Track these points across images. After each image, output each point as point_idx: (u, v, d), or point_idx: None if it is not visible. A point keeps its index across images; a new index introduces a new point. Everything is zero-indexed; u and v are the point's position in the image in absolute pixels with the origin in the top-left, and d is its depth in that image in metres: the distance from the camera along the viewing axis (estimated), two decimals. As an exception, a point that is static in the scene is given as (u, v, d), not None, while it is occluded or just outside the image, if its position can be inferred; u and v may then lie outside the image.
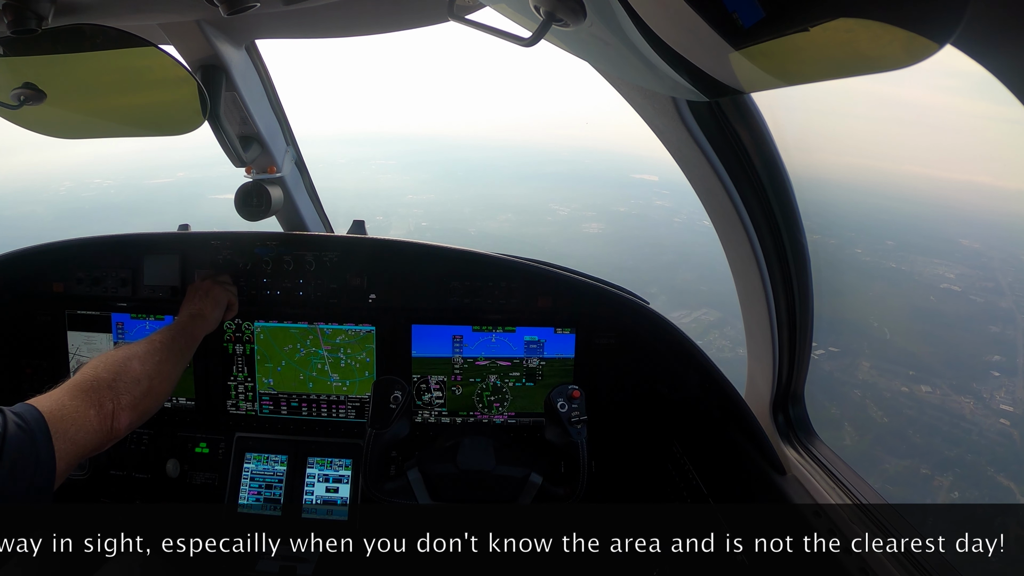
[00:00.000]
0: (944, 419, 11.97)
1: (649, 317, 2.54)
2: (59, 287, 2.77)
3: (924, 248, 20.46)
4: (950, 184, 26.69)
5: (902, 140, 25.96)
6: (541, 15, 0.93)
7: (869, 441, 11.71)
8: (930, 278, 18.56)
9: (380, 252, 2.68)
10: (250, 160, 2.43)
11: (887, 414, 12.75)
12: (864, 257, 19.53)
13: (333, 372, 2.74)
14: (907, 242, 20.92)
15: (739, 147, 1.79)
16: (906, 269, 19.53)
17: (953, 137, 23.85)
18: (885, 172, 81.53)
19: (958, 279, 17.31)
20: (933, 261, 19.13)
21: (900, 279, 19.20)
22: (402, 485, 2.10)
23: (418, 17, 1.89)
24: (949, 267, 18.16)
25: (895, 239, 20.84)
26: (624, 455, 2.74)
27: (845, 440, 10.87)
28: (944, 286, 17.61)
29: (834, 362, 14.24)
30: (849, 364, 14.34)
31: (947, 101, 27.36)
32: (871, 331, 16.46)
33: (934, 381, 14.63)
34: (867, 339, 15.99)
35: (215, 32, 1.97)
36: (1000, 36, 0.77)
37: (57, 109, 1.88)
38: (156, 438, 2.80)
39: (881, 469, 10.51)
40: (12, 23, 1.34)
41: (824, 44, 0.74)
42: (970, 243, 18.51)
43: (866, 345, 15.72)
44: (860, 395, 13.56)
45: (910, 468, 10.79)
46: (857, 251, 20.07)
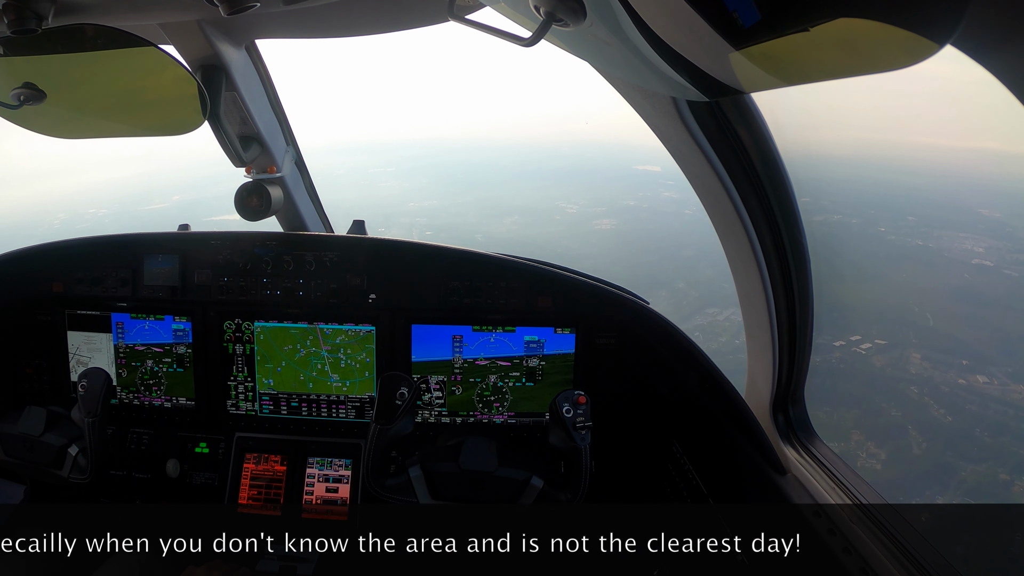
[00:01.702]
0: (1009, 413, 11.19)
1: (649, 317, 2.54)
2: (59, 287, 2.77)
3: (946, 222, 19.69)
4: (959, 152, 26.11)
5: (904, 110, 25.51)
6: (541, 15, 0.93)
7: (940, 446, 10.90)
8: (959, 254, 17.78)
9: (380, 252, 2.68)
10: (250, 160, 2.43)
11: (950, 412, 11.91)
12: (889, 236, 18.92)
13: (333, 372, 2.74)
14: (928, 217, 20.23)
15: (739, 147, 1.79)
16: (933, 246, 18.78)
17: (955, 104, 23.34)
18: (892, 144, 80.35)
19: (988, 253, 16.58)
20: (959, 235, 18.40)
21: (929, 257, 18.28)
22: (403, 482, 2.10)
23: (418, 17, 1.89)
24: (976, 240, 17.21)
25: (915, 214, 20.16)
26: (624, 455, 2.74)
27: (913, 449, 10.12)
28: (976, 261, 16.85)
29: (884, 356, 13.28)
30: (899, 358, 13.64)
31: (945, 68, 27.60)
32: (913, 317, 15.64)
33: (989, 370, 13.78)
34: (911, 327, 15.19)
35: (215, 32, 1.97)
36: (1000, 36, 0.77)
37: (57, 109, 1.88)
38: (156, 438, 2.80)
39: (960, 479, 9.72)
40: (12, 23, 1.34)
41: (824, 44, 0.74)
42: (990, 212, 17.80)
43: (912, 334, 14.94)
44: (918, 392, 12.83)
45: (987, 474, 10.04)
46: (880, 229, 19.46)
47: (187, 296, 2.74)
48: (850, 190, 23.65)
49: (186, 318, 2.75)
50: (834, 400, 13.10)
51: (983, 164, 42.45)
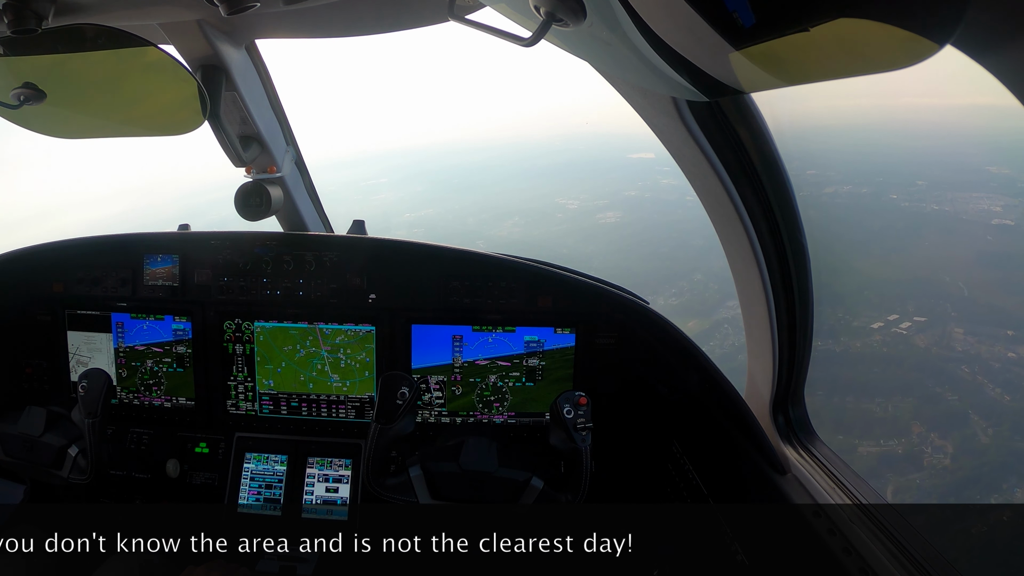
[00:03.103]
0: (1071, 386, 10.16)
1: (649, 317, 2.54)
2: (59, 287, 2.78)
3: (956, 183, 18.64)
4: (953, 110, 24.96)
5: (897, 72, 25.45)
6: (541, 15, 0.93)
7: (1008, 431, 9.75)
8: (977, 215, 16.93)
9: (380, 252, 2.68)
10: (250, 160, 2.43)
11: (1007, 391, 10.90)
12: (903, 203, 18.16)
13: (333, 372, 2.74)
14: (937, 179, 19.41)
15: (739, 147, 1.79)
16: (949, 210, 17.86)
17: (939, 60, 23.21)
18: (885, 108, 79.15)
19: (1006, 211, 15.80)
20: (972, 196, 17.58)
21: (948, 222, 17.45)
22: (403, 481, 2.10)
23: (418, 17, 1.89)
24: (991, 199, 16.38)
25: (924, 177, 19.36)
26: (624, 455, 2.74)
27: (980, 437, 9.16)
28: (996, 222, 16.09)
29: (926, 335, 12.34)
30: (942, 335, 12.75)
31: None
32: (947, 289, 14.77)
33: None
34: (947, 300, 14.31)
35: (215, 32, 1.97)
36: (1000, 36, 0.77)
37: (57, 109, 1.88)
38: (156, 438, 2.80)
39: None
40: (12, 23, 1.34)
41: (824, 44, 0.74)
42: (998, 169, 16.78)
43: (949, 307, 14.05)
44: (969, 372, 11.98)
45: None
46: (893, 197, 18.75)
47: (187, 296, 2.74)
48: (855, 159, 22.73)
49: (186, 318, 2.75)
50: (885, 390, 12.20)
51: (979, 120, 41.17)
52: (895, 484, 10.03)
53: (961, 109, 19.84)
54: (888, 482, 10.01)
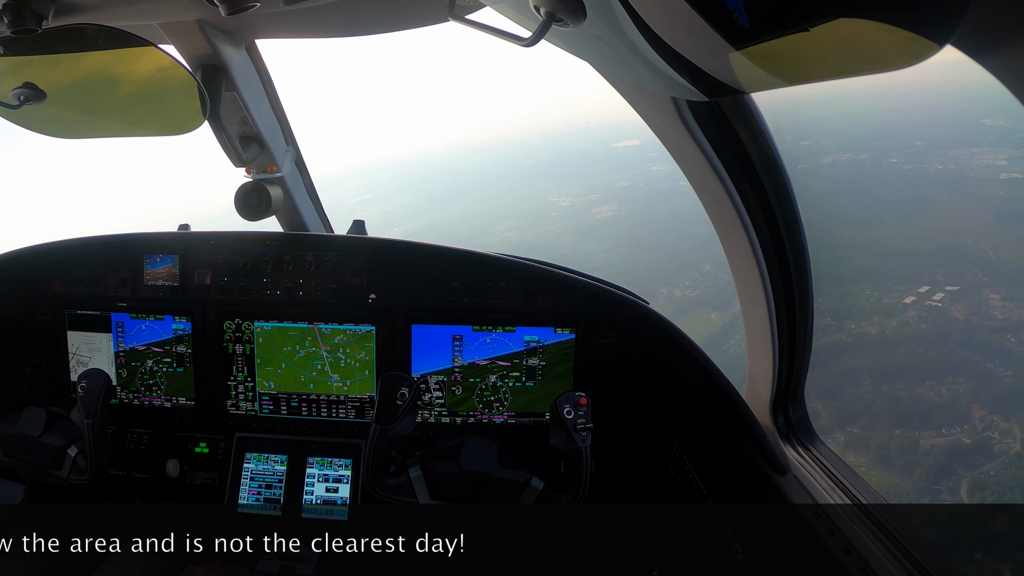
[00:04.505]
0: None
1: (649, 317, 2.54)
2: (59, 287, 2.77)
3: (953, 140, 17.55)
4: (936, 64, 23.93)
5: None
6: (541, 15, 0.93)
7: None
8: (983, 171, 15.92)
9: (380, 252, 2.68)
10: (250, 160, 2.43)
11: None
12: (904, 166, 17.33)
13: (333, 372, 2.74)
14: (934, 138, 18.23)
15: (739, 147, 1.79)
16: (954, 168, 16.80)
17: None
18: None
19: (1012, 164, 14.87)
20: (973, 151, 16.51)
21: (955, 181, 16.38)
22: (403, 482, 2.10)
23: (418, 17, 1.89)
24: (993, 153, 15.41)
25: (921, 137, 18.46)
26: (624, 455, 2.73)
27: None
28: (1004, 176, 15.20)
29: (963, 304, 11.15)
30: (978, 303, 11.66)
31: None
32: (971, 252, 13.74)
33: (1076, 297, 11.66)
34: (975, 264, 13.29)
35: (215, 32, 1.97)
36: (1000, 36, 0.77)
37: (57, 109, 1.88)
38: (156, 438, 2.79)
39: None
40: (12, 23, 1.34)
41: (824, 44, 0.74)
42: (992, 121, 15.85)
43: (979, 272, 13.06)
44: (1016, 342, 11.13)
45: None
46: (893, 160, 17.90)
47: (187, 296, 2.73)
48: (846, 125, 21.47)
49: (186, 318, 2.75)
50: (935, 371, 11.30)
51: (959, 74, 39.86)
52: (970, 481, 9.15)
53: (943, 63, 19.14)
54: (962, 479, 9.15)
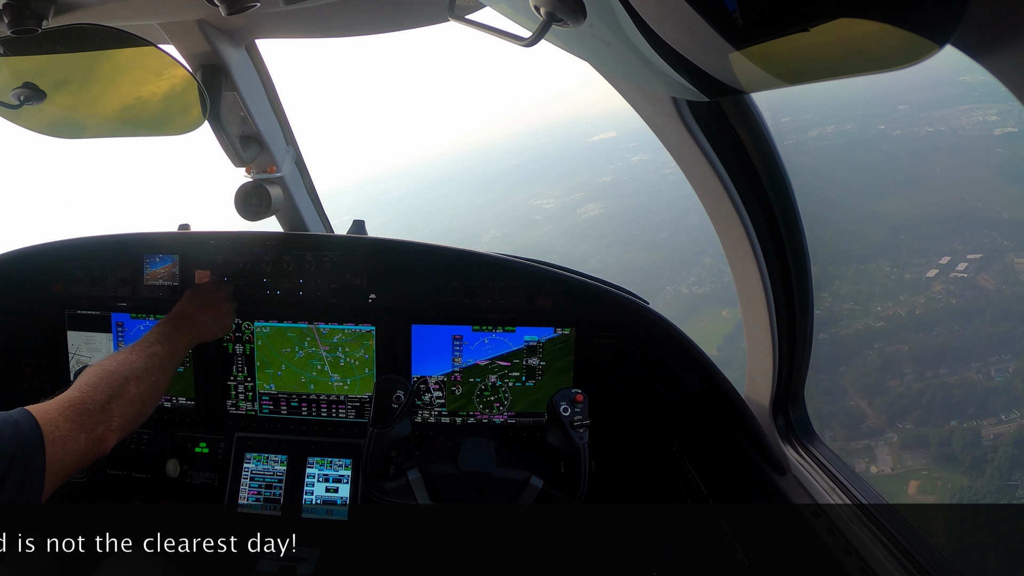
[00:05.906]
0: None
1: (649, 317, 2.54)
2: (59, 287, 2.77)
3: (937, 100, 16.19)
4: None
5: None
6: (541, 15, 0.93)
7: None
8: (974, 128, 15.06)
9: (380, 252, 2.68)
10: (250, 160, 2.43)
11: None
12: (893, 132, 16.61)
13: (333, 372, 2.74)
14: (917, 101, 16.89)
15: (739, 147, 1.79)
16: (944, 129, 15.99)
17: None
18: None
19: (1004, 118, 13.90)
20: (960, 109, 15.72)
21: (949, 141, 15.45)
22: (402, 485, 2.10)
23: (418, 17, 1.89)
24: (982, 109, 14.65)
25: (904, 100, 16.83)
26: (624, 455, 2.74)
27: None
28: (998, 132, 14.43)
29: (988, 273, 10.29)
30: (1004, 270, 10.79)
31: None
32: (983, 214, 12.83)
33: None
34: (991, 227, 12.47)
35: (215, 32, 1.97)
36: (1000, 36, 0.77)
37: (57, 109, 1.88)
38: (156, 438, 2.79)
39: None
40: (12, 23, 1.34)
41: (824, 44, 0.74)
42: (972, 78, 14.72)
43: (998, 235, 12.13)
44: None
45: None
46: (880, 128, 17.12)
47: None
48: (824, 96, 19.98)
49: None
50: (981, 351, 10.46)
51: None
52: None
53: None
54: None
